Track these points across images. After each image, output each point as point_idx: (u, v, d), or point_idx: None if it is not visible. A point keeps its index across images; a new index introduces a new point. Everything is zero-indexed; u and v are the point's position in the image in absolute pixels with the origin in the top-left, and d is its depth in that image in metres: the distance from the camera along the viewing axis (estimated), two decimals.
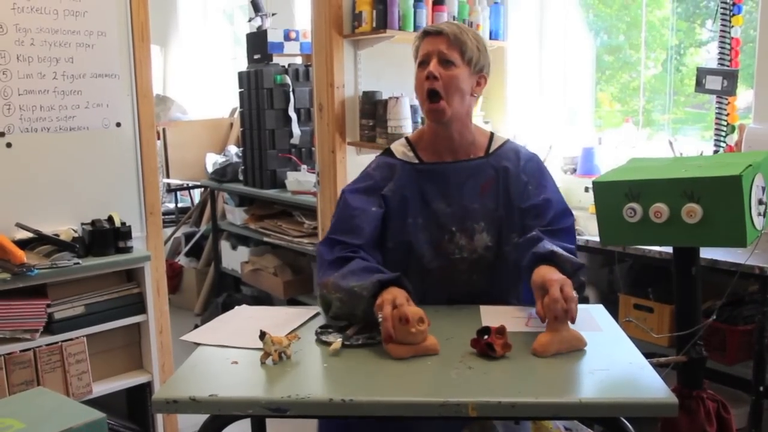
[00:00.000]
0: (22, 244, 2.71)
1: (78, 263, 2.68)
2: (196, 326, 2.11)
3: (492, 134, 2.11)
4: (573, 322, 1.63)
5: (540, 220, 1.94)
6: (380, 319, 1.63)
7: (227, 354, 1.69)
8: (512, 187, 2.00)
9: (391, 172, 2.03)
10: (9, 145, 2.78)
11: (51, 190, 2.90)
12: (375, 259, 1.91)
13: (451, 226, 1.97)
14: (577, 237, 3.19)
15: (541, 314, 1.65)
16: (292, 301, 4.55)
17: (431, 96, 1.93)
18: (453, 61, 1.91)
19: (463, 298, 1.99)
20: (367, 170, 2.09)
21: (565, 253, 1.78)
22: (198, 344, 1.76)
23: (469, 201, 1.99)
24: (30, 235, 2.76)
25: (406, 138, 2.12)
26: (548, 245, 1.80)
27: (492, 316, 1.86)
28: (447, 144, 2.02)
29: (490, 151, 2.05)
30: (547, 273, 1.70)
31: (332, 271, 1.83)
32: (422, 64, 1.94)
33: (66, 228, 2.86)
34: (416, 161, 2.04)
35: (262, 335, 1.60)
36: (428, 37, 1.94)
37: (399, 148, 2.09)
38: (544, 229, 1.92)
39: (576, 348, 1.63)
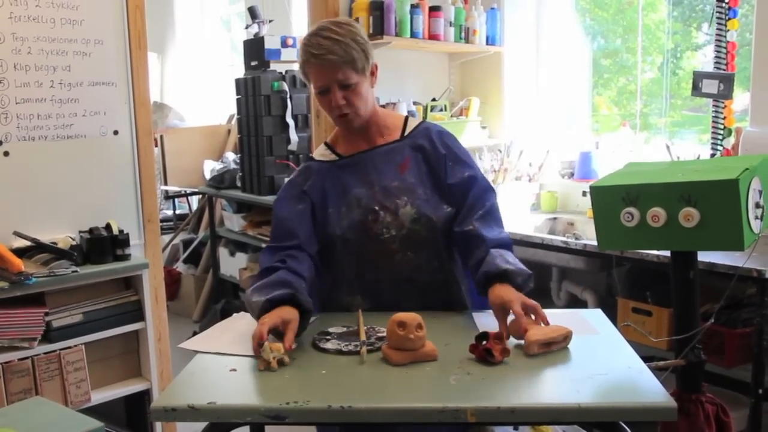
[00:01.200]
0: (20, 252, 2.71)
1: (76, 271, 2.68)
2: (195, 333, 2.11)
3: (407, 117, 2.15)
4: (546, 324, 1.69)
5: (468, 200, 1.99)
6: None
7: (225, 361, 1.68)
8: (432, 162, 2.04)
9: (309, 174, 2.08)
10: (6, 153, 2.78)
11: (49, 198, 2.90)
12: (312, 252, 1.98)
13: (374, 205, 1.99)
14: (575, 241, 3.20)
15: (505, 333, 1.68)
16: None
17: (342, 116, 1.96)
18: (351, 83, 1.92)
19: (406, 280, 2.01)
20: (291, 178, 2.16)
21: (515, 267, 1.83)
22: (196, 352, 1.76)
23: (389, 180, 2.02)
24: (28, 243, 2.75)
25: (325, 142, 2.16)
26: (498, 262, 1.84)
27: (488, 322, 1.86)
28: (361, 134, 2.07)
29: (405, 133, 2.09)
30: (503, 293, 1.76)
31: (256, 281, 1.89)
32: (322, 92, 1.94)
33: (64, 236, 2.86)
34: (335, 158, 2.09)
35: (261, 343, 1.60)
36: (316, 66, 1.91)
37: (319, 152, 2.15)
38: (477, 215, 1.97)
39: (562, 335, 1.67)
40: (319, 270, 2.01)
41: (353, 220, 1.99)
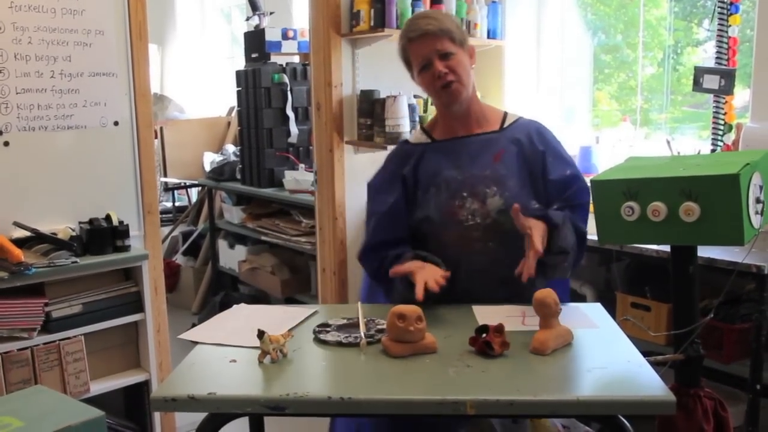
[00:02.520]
0: (20, 242, 2.71)
1: (75, 262, 2.67)
2: (194, 325, 2.12)
3: (506, 113, 2.17)
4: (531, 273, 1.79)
5: (566, 195, 2.01)
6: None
7: (225, 352, 1.69)
8: (528, 156, 2.05)
9: (405, 157, 2.12)
10: (6, 143, 2.78)
11: (49, 188, 2.90)
12: (399, 235, 2.06)
13: (462, 191, 2.00)
14: None
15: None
16: (290, 300, 4.55)
17: (445, 86, 1.99)
18: (451, 52, 1.98)
19: (482, 269, 2.01)
20: (385, 165, 2.20)
21: (564, 228, 1.90)
22: (196, 343, 1.76)
23: (481, 169, 2.03)
24: (27, 233, 2.75)
25: (421, 126, 2.23)
26: (557, 216, 1.91)
27: (488, 315, 1.86)
28: (459, 121, 2.09)
29: (504, 126, 2.11)
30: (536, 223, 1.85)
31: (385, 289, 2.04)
32: (425, 67, 2.00)
33: (63, 227, 2.86)
34: (429, 140, 2.12)
35: (261, 334, 1.60)
36: (415, 41, 1.99)
37: (415, 135, 2.20)
38: (563, 204, 1.99)
39: (567, 342, 1.66)
40: None
41: (440, 201, 2.01)
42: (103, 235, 2.81)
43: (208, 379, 1.56)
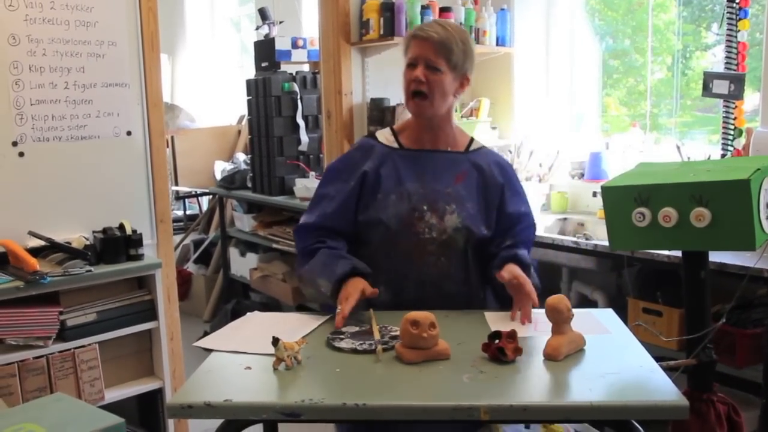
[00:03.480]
0: (35, 252, 2.73)
1: (90, 271, 2.70)
2: (206, 333, 2.14)
3: (472, 138, 2.22)
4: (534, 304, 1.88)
5: (515, 230, 2.10)
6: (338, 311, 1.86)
7: (240, 360, 1.70)
8: (488, 185, 2.11)
9: (370, 152, 2.14)
10: (21, 154, 2.81)
11: (63, 198, 2.93)
12: (342, 228, 2.10)
13: (423, 204, 2.04)
14: (586, 241, 3.21)
15: (515, 311, 1.92)
16: (301, 308, 4.55)
17: (415, 95, 2.03)
18: (439, 68, 2.00)
19: (432, 283, 2.05)
20: (349, 150, 2.25)
21: (531, 264, 2.02)
22: (210, 350, 1.78)
23: (443, 186, 2.07)
24: (42, 243, 2.78)
25: (391, 127, 2.22)
26: (520, 254, 2.02)
27: (500, 321, 1.87)
28: (429, 135, 2.12)
29: (470, 149, 2.17)
30: (517, 271, 1.93)
31: (304, 263, 2.08)
32: (410, 65, 2.04)
33: (78, 236, 2.88)
34: (396, 146, 2.14)
35: (275, 341, 1.61)
36: (417, 40, 2.03)
37: (382, 133, 2.19)
38: (511, 239, 2.08)
39: (579, 347, 1.67)
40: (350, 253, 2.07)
41: (400, 211, 2.03)
42: (116, 244, 2.84)
43: (224, 386, 1.58)
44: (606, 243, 1.99)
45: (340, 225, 2.09)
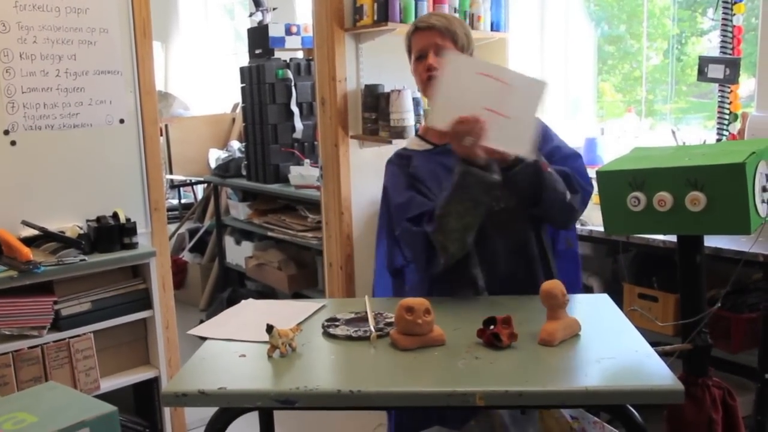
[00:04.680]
0: (28, 241, 2.72)
1: (84, 260, 2.69)
2: (202, 321, 2.13)
3: None
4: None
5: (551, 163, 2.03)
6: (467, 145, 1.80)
7: (235, 347, 1.70)
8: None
9: (407, 159, 2.14)
10: (13, 143, 2.80)
11: (56, 187, 2.91)
12: None
13: None
14: (581, 227, 3.20)
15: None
16: (297, 295, 4.56)
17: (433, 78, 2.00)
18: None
19: (519, 251, 2.07)
20: (391, 169, 2.17)
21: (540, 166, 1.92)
22: (205, 338, 1.77)
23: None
24: (36, 232, 2.77)
25: (416, 134, 2.25)
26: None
27: (496, 307, 1.87)
28: None
29: None
30: None
31: (427, 225, 1.95)
32: (420, 58, 2.06)
33: (71, 225, 2.88)
34: (430, 146, 2.14)
35: (270, 329, 1.61)
36: (420, 31, 2.06)
37: (410, 141, 2.22)
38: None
39: (575, 332, 1.67)
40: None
41: None
42: (110, 233, 2.83)
43: (218, 374, 1.57)
44: (601, 228, 1.98)
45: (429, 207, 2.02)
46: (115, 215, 2.90)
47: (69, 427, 1.06)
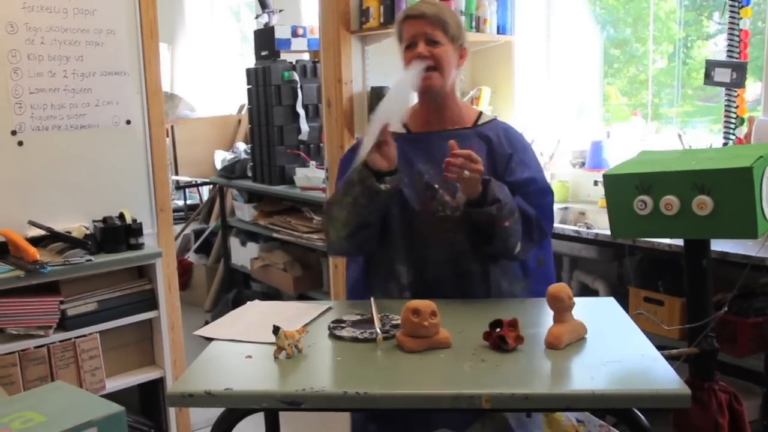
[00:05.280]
0: (35, 241, 2.73)
1: (90, 260, 2.70)
2: (207, 322, 2.13)
3: (481, 112, 2.20)
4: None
5: (521, 197, 2.03)
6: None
7: (241, 348, 1.70)
8: (496, 155, 2.08)
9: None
10: (21, 143, 2.80)
11: (62, 187, 2.92)
12: None
13: (434, 183, 2.03)
14: (587, 230, 3.20)
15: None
16: (302, 297, 4.56)
17: (427, 70, 2.01)
18: (438, 41, 2.01)
19: (448, 261, 2.04)
20: (357, 140, 2.22)
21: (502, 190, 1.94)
22: (211, 339, 1.78)
23: None
24: (42, 232, 2.77)
25: None
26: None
27: (502, 311, 1.87)
28: (435, 116, 2.11)
29: (477, 124, 2.15)
30: None
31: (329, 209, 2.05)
32: (410, 46, 2.04)
33: (78, 225, 2.88)
34: (404, 131, 2.13)
35: (276, 330, 1.61)
36: (410, 20, 2.04)
37: None
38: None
39: (581, 336, 1.67)
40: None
41: (413, 192, 2.04)
42: (116, 234, 2.83)
43: (225, 374, 1.57)
44: (607, 232, 1.98)
45: None
46: (122, 216, 2.90)
47: (77, 427, 1.07)
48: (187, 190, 6.46)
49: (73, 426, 1.07)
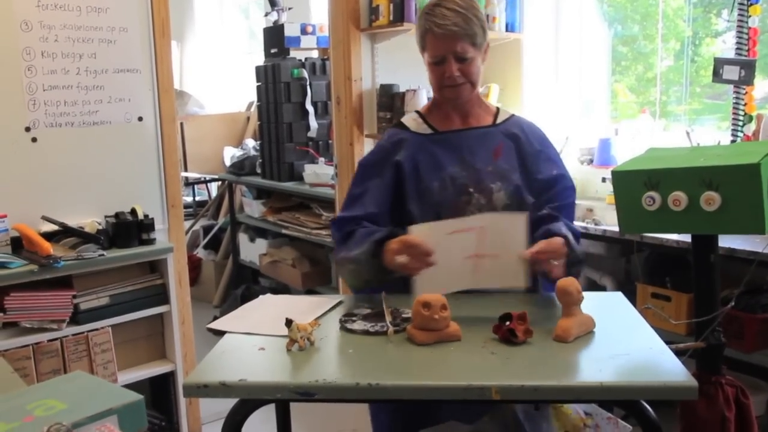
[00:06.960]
0: (49, 236, 2.77)
1: (103, 255, 2.73)
2: (215, 318, 2.15)
3: (498, 108, 2.18)
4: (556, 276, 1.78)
5: (550, 194, 2.04)
6: (399, 262, 1.79)
7: (254, 341, 1.72)
8: (525, 154, 2.07)
9: (401, 142, 2.09)
10: (34, 139, 2.84)
11: (75, 183, 2.95)
12: (381, 222, 2.01)
13: (469, 187, 2.00)
14: (595, 227, 3.22)
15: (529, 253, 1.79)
16: (311, 292, 4.58)
17: (454, 86, 1.99)
18: (468, 57, 1.96)
19: None
20: (380, 142, 2.17)
21: (573, 241, 1.90)
22: (222, 333, 1.80)
23: (483, 164, 2.03)
24: (56, 227, 2.81)
25: (417, 111, 2.18)
26: (562, 228, 1.90)
27: (511, 303, 1.89)
28: (457, 113, 2.09)
29: (498, 121, 2.12)
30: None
31: (341, 248, 2.00)
32: (437, 63, 1.98)
33: (90, 220, 2.92)
34: (429, 131, 2.09)
35: (289, 323, 1.63)
36: (438, 37, 1.95)
37: (410, 120, 2.15)
38: (552, 205, 2.02)
39: (589, 329, 1.69)
40: None
41: (447, 198, 1.99)
42: (129, 229, 2.87)
43: (238, 366, 1.60)
44: (615, 228, 2.01)
45: (378, 218, 2.01)
46: (133, 211, 2.94)
47: (97, 414, 1.09)
48: (196, 186, 6.49)
49: (95, 413, 1.09)
